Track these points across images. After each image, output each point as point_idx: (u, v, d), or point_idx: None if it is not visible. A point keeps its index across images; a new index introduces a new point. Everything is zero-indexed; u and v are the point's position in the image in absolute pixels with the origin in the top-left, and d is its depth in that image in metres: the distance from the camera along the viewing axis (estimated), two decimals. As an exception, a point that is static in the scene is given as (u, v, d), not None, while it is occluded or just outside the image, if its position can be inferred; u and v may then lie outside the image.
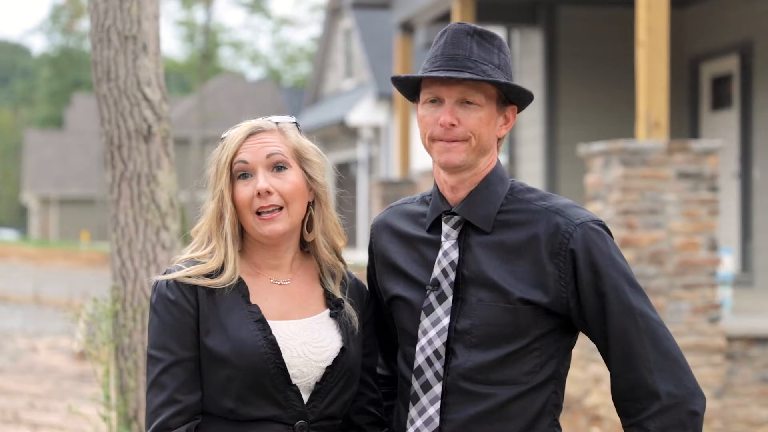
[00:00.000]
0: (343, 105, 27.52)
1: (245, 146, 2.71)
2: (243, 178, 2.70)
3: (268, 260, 2.75)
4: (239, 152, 2.71)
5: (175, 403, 2.64)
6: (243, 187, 2.70)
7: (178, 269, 2.72)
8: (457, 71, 2.62)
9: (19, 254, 37.17)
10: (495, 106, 2.67)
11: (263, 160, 2.70)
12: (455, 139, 2.65)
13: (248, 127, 2.74)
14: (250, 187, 2.69)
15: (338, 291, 2.78)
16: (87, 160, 55.74)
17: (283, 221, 2.69)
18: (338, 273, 2.81)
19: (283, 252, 2.75)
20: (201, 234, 2.76)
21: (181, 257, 2.78)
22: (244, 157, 2.70)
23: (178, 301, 2.68)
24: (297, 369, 2.66)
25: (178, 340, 2.66)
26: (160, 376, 2.66)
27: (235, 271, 2.69)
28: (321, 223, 2.77)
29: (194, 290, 2.68)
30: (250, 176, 2.70)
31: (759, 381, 8.09)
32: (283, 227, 2.69)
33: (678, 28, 12.20)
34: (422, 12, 13.72)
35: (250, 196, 2.68)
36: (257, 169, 2.70)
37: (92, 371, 5.77)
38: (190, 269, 2.69)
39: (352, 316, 2.77)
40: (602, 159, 8.07)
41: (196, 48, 49.16)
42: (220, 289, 2.68)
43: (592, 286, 2.63)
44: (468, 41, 2.66)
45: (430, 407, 2.67)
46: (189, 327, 2.67)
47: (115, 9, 4.47)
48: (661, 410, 2.61)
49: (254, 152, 2.70)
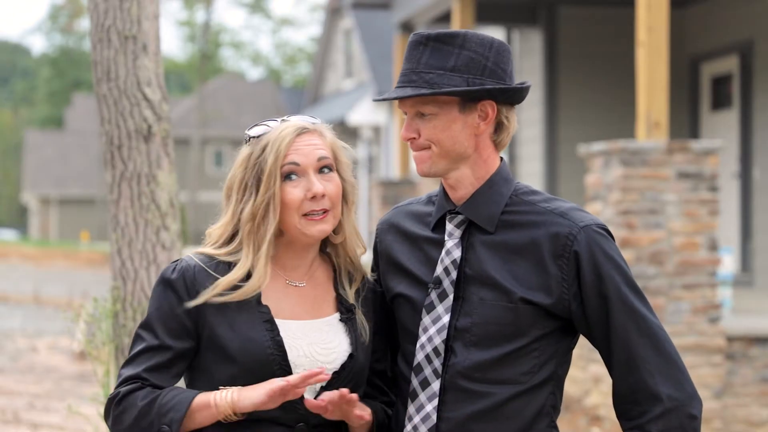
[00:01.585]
0: (343, 105, 27.52)
1: (295, 147, 2.69)
2: (289, 179, 2.68)
3: (290, 261, 2.74)
4: (289, 153, 2.68)
5: (143, 380, 2.65)
6: (293, 188, 2.67)
7: (196, 259, 2.70)
8: (402, 87, 2.66)
9: (19, 254, 37.18)
10: (456, 110, 2.66)
11: (314, 163, 2.69)
12: (420, 149, 2.69)
13: (295, 128, 2.71)
14: (300, 189, 2.67)
15: (352, 296, 2.78)
16: (87, 160, 55.76)
17: (330, 222, 2.70)
18: (356, 279, 2.80)
19: (308, 252, 2.75)
20: (220, 234, 2.73)
21: (198, 249, 2.75)
22: (295, 158, 2.68)
23: (177, 288, 2.67)
24: (303, 369, 2.66)
25: (165, 326, 2.66)
26: (138, 355, 2.67)
27: (266, 280, 2.67)
28: (348, 225, 2.78)
29: (197, 281, 2.67)
30: (296, 177, 2.68)
31: (759, 381, 8.09)
32: (330, 228, 2.70)
33: (678, 28, 12.20)
34: (422, 12, 13.72)
35: (300, 198, 2.66)
36: (308, 172, 2.68)
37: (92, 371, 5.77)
38: (217, 286, 2.65)
39: (364, 322, 2.77)
40: (602, 159, 8.07)
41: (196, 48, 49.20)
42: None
43: (595, 288, 2.64)
44: (419, 52, 2.67)
45: (428, 404, 2.67)
46: (180, 317, 2.66)
47: (115, 9, 4.47)
48: (662, 413, 2.61)
49: (306, 154, 2.68)
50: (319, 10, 54.02)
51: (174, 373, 2.69)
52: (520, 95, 2.71)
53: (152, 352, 2.67)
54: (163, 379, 2.67)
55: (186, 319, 2.67)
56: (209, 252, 2.72)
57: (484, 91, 2.64)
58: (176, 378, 2.70)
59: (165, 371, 2.67)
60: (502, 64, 2.69)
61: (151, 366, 2.66)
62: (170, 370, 2.68)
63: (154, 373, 2.66)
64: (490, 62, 2.67)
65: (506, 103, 2.70)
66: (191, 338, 2.68)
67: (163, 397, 2.62)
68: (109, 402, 2.69)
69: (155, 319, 2.68)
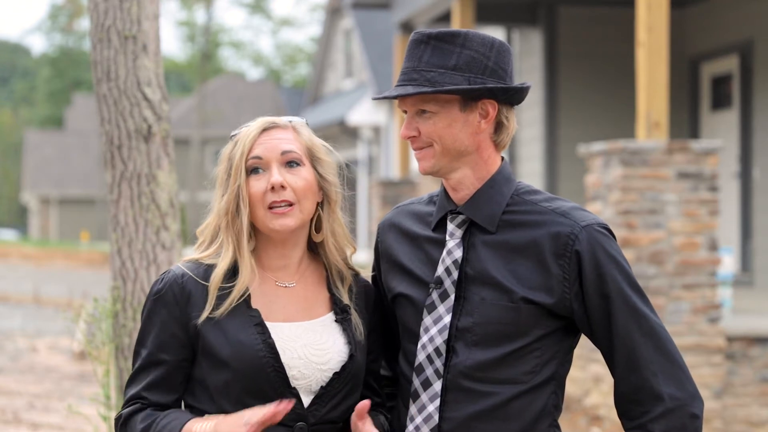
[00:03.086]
0: (343, 105, 27.52)
1: (259, 141, 2.72)
2: (255, 173, 2.71)
3: (275, 261, 2.75)
4: (254, 148, 2.71)
5: (142, 399, 2.69)
6: (255, 182, 2.70)
7: (184, 268, 2.72)
8: (403, 85, 2.67)
9: (19, 254, 37.18)
10: (457, 107, 2.67)
11: (278, 157, 2.71)
12: (421, 147, 2.70)
13: (262, 123, 2.75)
14: (263, 182, 2.70)
15: (346, 296, 2.78)
16: (87, 160, 55.76)
17: (294, 217, 2.70)
18: (347, 278, 2.81)
19: (290, 250, 2.75)
20: (207, 232, 2.76)
21: (184, 258, 2.77)
22: (258, 152, 2.71)
23: (167, 301, 2.68)
24: (297, 371, 2.66)
25: (158, 341, 2.68)
26: (137, 372, 2.71)
27: (253, 271, 2.70)
28: (330, 223, 2.78)
29: (186, 291, 2.68)
30: (262, 171, 2.71)
31: (759, 381, 8.09)
32: (294, 222, 2.70)
33: (678, 28, 12.20)
34: (422, 12, 13.72)
35: (263, 190, 2.69)
36: (271, 165, 2.71)
37: (92, 371, 5.77)
38: (210, 290, 2.67)
39: (359, 322, 2.77)
40: (602, 159, 8.07)
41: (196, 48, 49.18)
42: (222, 291, 2.68)
43: (597, 288, 2.64)
44: (420, 51, 2.68)
45: (430, 405, 2.67)
46: (172, 329, 2.67)
47: (115, 9, 4.47)
48: (664, 413, 2.62)
49: (269, 148, 2.71)
50: (319, 10, 54.04)
51: (173, 386, 2.70)
52: (521, 95, 2.71)
53: (149, 368, 2.69)
54: (162, 395, 2.68)
55: (179, 331, 2.68)
56: (195, 257, 2.74)
57: (486, 90, 2.65)
58: (177, 392, 2.71)
59: (163, 386, 2.69)
60: (503, 64, 2.69)
61: (148, 383, 2.68)
62: (168, 384, 2.69)
63: (153, 390, 2.68)
64: (492, 62, 2.67)
65: (506, 103, 2.71)
66: (186, 349, 2.68)
67: (157, 424, 2.65)
68: (115, 423, 2.74)
69: (147, 335, 2.70)
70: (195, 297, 2.68)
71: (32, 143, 57.14)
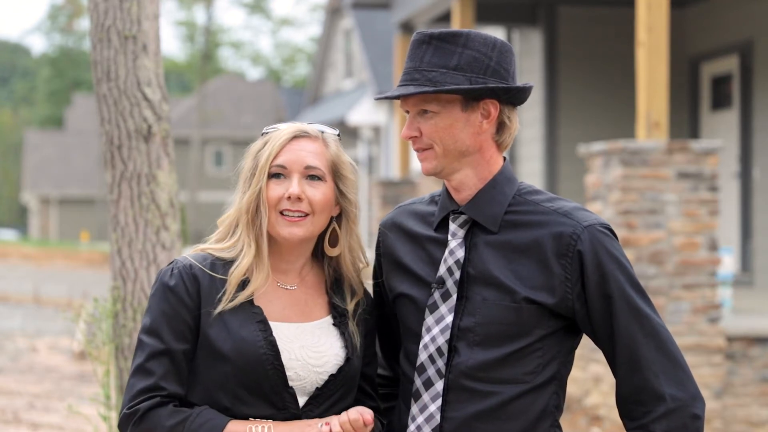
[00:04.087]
0: (343, 105, 27.52)
1: (287, 148, 2.72)
2: (277, 178, 2.72)
3: (279, 264, 2.76)
4: (280, 154, 2.72)
5: (160, 390, 2.64)
6: (275, 186, 2.71)
7: (192, 259, 2.72)
8: (404, 85, 2.66)
9: (19, 254, 37.19)
10: (459, 107, 2.66)
11: (301, 170, 2.72)
12: (422, 148, 2.70)
13: (293, 130, 2.75)
14: (282, 188, 2.70)
15: (352, 307, 2.79)
16: (87, 160, 55.76)
17: (304, 228, 2.71)
18: (358, 293, 2.82)
19: (295, 258, 2.77)
20: (226, 224, 2.77)
21: (195, 248, 2.78)
22: (283, 160, 2.71)
23: (177, 290, 2.68)
24: (294, 372, 2.68)
25: (170, 330, 2.66)
26: (147, 362, 2.66)
27: (268, 276, 2.71)
28: (348, 239, 2.79)
29: (196, 281, 2.69)
30: (283, 177, 2.72)
31: (759, 381, 8.09)
32: (303, 233, 2.71)
33: (678, 28, 12.20)
34: (422, 12, 13.72)
35: (279, 196, 2.70)
36: (293, 175, 2.71)
37: (92, 371, 5.77)
38: (229, 285, 2.68)
39: (355, 328, 2.78)
40: (602, 159, 8.07)
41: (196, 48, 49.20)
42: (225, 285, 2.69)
43: (599, 288, 2.64)
44: (422, 51, 2.68)
45: (432, 404, 2.68)
46: (183, 318, 2.67)
47: (115, 9, 4.47)
48: (665, 413, 2.61)
49: (294, 159, 2.72)
50: (319, 10, 54.03)
51: (183, 377, 2.68)
52: (523, 95, 2.71)
53: (160, 357, 2.66)
54: (176, 386, 2.66)
55: (190, 320, 2.68)
56: (206, 248, 2.75)
57: (488, 90, 2.64)
58: (185, 384, 2.68)
59: (176, 376, 2.66)
60: (505, 64, 2.69)
61: (162, 373, 2.65)
62: (179, 374, 2.67)
63: (168, 381, 2.65)
64: (493, 62, 2.67)
65: (508, 103, 2.70)
66: (191, 339, 2.68)
67: (192, 422, 2.61)
68: (126, 418, 2.66)
69: (159, 323, 2.67)
70: (204, 288, 2.69)
71: (32, 143, 57.14)
